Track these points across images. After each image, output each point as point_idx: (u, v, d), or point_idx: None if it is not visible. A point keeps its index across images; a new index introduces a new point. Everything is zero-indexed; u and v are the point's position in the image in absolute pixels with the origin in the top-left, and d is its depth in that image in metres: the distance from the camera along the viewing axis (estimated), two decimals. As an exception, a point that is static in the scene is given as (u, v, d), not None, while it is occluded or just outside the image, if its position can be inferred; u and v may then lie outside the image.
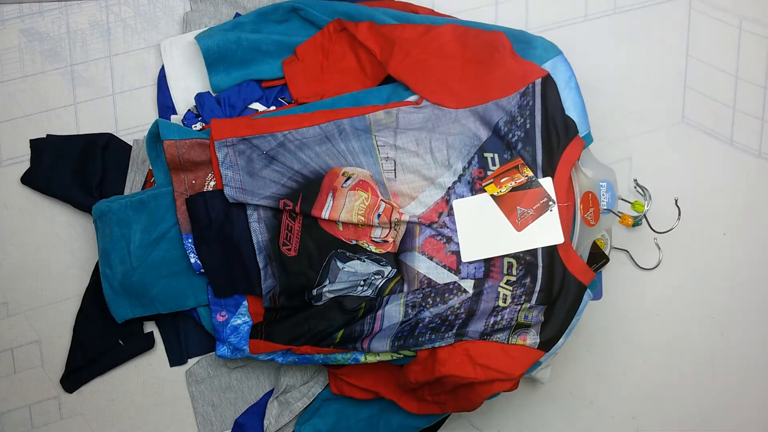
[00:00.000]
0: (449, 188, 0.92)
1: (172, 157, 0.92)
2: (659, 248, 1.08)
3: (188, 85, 1.03)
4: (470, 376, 0.88)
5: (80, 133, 1.05)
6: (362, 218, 0.92)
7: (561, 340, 0.90)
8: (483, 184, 0.91)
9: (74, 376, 1.04)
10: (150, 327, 1.05)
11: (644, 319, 1.10)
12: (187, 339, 1.05)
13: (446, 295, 0.92)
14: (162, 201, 0.96)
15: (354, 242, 0.94)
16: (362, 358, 0.94)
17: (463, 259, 0.92)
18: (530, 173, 0.90)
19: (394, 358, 0.94)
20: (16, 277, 1.04)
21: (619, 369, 1.10)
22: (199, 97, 1.00)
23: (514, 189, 0.91)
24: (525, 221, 0.90)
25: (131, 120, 1.05)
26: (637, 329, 1.10)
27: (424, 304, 0.92)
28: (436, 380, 0.91)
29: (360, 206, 0.92)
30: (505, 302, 0.91)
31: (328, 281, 0.94)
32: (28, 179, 1.03)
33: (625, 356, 1.10)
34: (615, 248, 1.06)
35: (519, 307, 0.90)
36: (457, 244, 0.92)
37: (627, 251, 1.08)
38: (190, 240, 0.94)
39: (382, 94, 0.96)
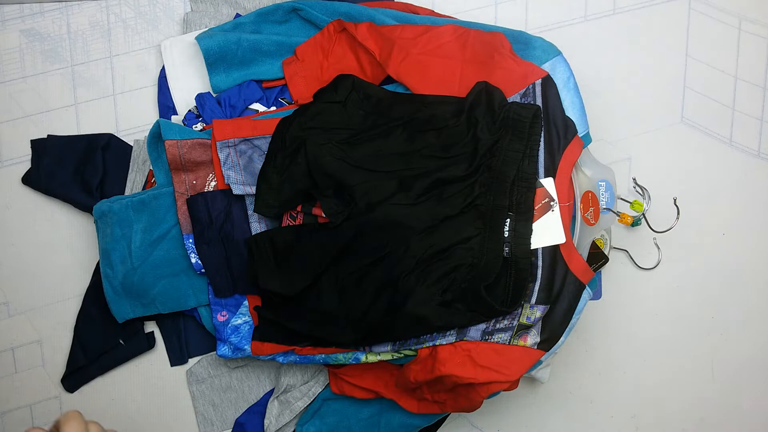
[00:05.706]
0: (449, 188, 0.92)
1: (173, 157, 0.92)
2: (659, 248, 1.08)
3: (189, 85, 1.03)
4: (471, 376, 0.88)
5: (81, 133, 1.04)
6: (363, 218, 0.91)
7: (561, 339, 0.90)
8: (483, 185, 0.91)
9: (75, 376, 1.04)
10: (150, 327, 1.04)
11: (644, 318, 1.10)
12: (188, 339, 1.05)
13: (447, 294, 0.92)
14: (163, 201, 0.96)
15: (354, 242, 0.94)
16: (363, 358, 0.94)
17: (464, 259, 0.92)
18: (530, 173, 0.90)
19: (395, 357, 0.94)
20: (16, 277, 1.04)
21: (618, 368, 1.10)
22: (200, 98, 1.00)
23: (514, 189, 0.90)
24: (525, 221, 0.90)
25: (132, 120, 1.05)
26: (637, 329, 1.10)
27: (424, 303, 0.92)
28: (436, 379, 0.91)
29: (360, 206, 0.91)
30: (505, 302, 0.91)
31: (328, 281, 0.94)
32: (28, 179, 1.03)
33: (625, 356, 1.10)
34: (614, 248, 1.07)
35: (519, 307, 0.90)
36: (458, 244, 0.92)
37: (626, 251, 1.08)
38: (190, 240, 0.94)
39: (383, 95, 0.96)
